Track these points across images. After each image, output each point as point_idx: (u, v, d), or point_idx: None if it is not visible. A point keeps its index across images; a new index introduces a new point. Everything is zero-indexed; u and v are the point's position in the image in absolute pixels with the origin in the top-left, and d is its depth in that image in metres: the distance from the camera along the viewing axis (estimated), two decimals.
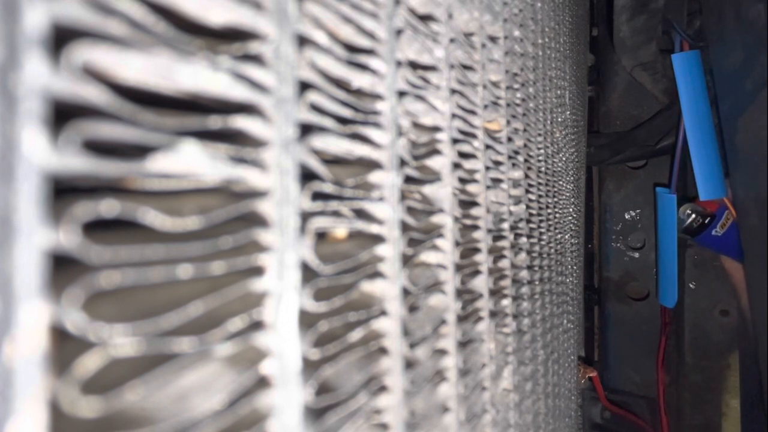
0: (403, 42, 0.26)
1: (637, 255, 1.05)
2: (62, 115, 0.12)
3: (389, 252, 0.24)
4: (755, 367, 0.75)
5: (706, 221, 0.86)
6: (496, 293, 0.37)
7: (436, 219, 0.28)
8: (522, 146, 0.44)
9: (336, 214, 0.21)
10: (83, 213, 0.12)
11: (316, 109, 0.20)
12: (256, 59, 0.17)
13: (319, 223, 0.19)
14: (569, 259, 0.71)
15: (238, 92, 0.17)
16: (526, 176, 0.45)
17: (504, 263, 0.39)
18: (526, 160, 0.46)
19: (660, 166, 1.01)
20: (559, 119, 0.64)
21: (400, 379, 0.24)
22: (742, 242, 0.73)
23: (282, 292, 0.18)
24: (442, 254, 0.29)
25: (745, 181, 0.71)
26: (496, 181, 0.38)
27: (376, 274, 0.23)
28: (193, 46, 0.15)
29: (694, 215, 0.87)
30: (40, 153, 0.11)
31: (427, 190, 0.28)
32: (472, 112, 0.34)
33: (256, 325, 0.17)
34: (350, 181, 0.22)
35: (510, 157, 0.41)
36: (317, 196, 0.19)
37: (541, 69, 0.53)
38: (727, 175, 0.78)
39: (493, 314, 0.36)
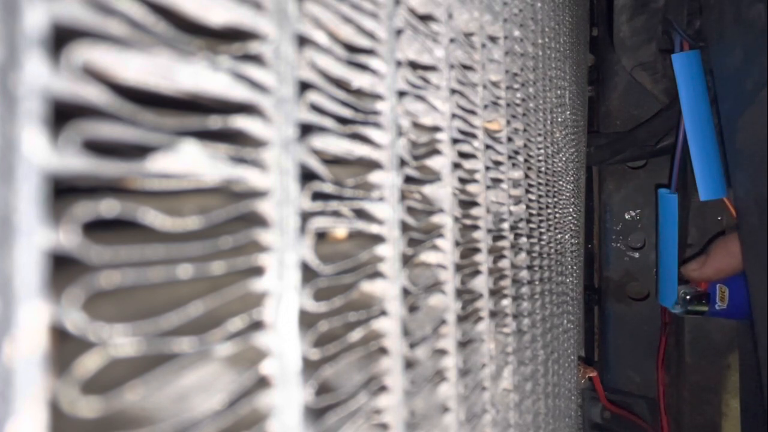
0: (403, 42, 0.26)
1: (637, 255, 1.05)
2: (62, 115, 0.12)
3: (389, 252, 0.24)
4: (755, 367, 0.75)
5: (703, 300, 0.88)
6: (496, 293, 0.37)
7: (436, 219, 0.28)
8: (522, 146, 0.44)
9: (336, 214, 0.21)
10: (83, 213, 0.12)
11: (316, 109, 0.20)
12: (256, 59, 0.17)
13: (319, 223, 0.19)
14: (569, 259, 0.71)
15: (238, 92, 0.17)
16: (526, 176, 0.45)
17: (504, 263, 0.39)
18: (526, 160, 0.46)
19: (660, 166, 1.01)
20: (559, 119, 0.64)
21: (400, 379, 0.24)
22: (742, 242, 0.73)
23: (282, 292, 0.18)
24: (442, 254, 0.29)
25: (745, 181, 0.71)
26: (496, 181, 0.38)
27: (376, 274, 0.23)
28: (193, 46, 0.15)
29: (689, 297, 0.89)
30: (40, 153, 0.11)
31: (427, 190, 0.28)
32: (472, 112, 0.34)
33: (256, 325, 0.17)
34: (350, 181, 0.22)
35: (510, 157, 0.41)
36: (317, 196, 0.19)
37: (541, 69, 0.53)
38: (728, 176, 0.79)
39: (493, 314, 0.36)
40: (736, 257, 0.78)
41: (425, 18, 0.28)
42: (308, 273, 0.19)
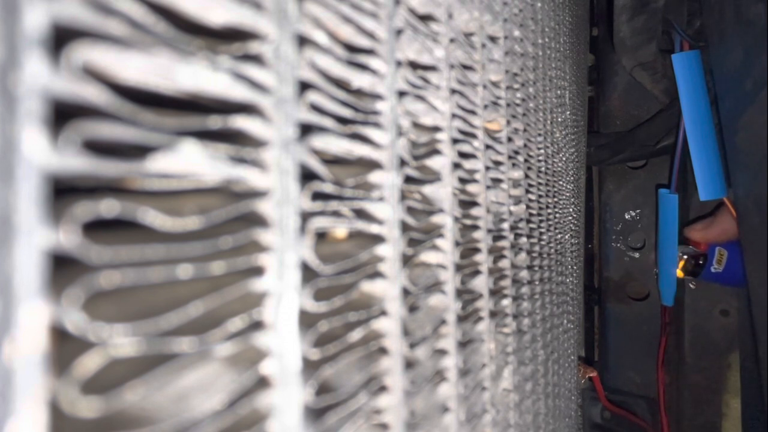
0: (403, 42, 0.26)
1: (637, 255, 1.05)
2: (62, 115, 0.12)
3: (389, 252, 0.24)
4: (755, 367, 0.75)
5: (700, 261, 0.88)
6: (496, 293, 0.37)
7: (436, 219, 0.28)
8: (522, 146, 0.44)
9: (336, 214, 0.21)
10: (83, 213, 0.12)
11: (316, 109, 0.20)
12: (256, 59, 0.17)
13: (319, 223, 0.19)
14: (569, 259, 0.71)
15: (238, 92, 0.17)
16: (526, 176, 0.45)
17: (504, 263, 0.39)
18: (526, 160, 0.46)
19: (660, 166, 1.01)
20: (559, 119, 0.64)
21: (400, 379, 0.24)
22: (742, 242, 0.73)
23: (282, 292, 0.18)
24: (442, 254, 0.29)
25: (745, 181, 0.71)
26: (496, 181, 0.38)
27: (376, 274, 0.23)
28: (193, 46, 0.15)
29: (686, 257, 0.88)
30: (40, 153, 0.11)
31: (427, 190, 0.28)
32: (472, 112, 0.34)
33: (256, 325, 0.17)
34: (350, 181, 0.22)
35: (510, 157, 0.41)
36: (317, 196, 0.19)
37: (541, 69, 0.53)
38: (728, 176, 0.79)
39: (493, 314, 0.36)
40: None
41: (425, 18, 0.28)
42: (308, 273, 0.19)
